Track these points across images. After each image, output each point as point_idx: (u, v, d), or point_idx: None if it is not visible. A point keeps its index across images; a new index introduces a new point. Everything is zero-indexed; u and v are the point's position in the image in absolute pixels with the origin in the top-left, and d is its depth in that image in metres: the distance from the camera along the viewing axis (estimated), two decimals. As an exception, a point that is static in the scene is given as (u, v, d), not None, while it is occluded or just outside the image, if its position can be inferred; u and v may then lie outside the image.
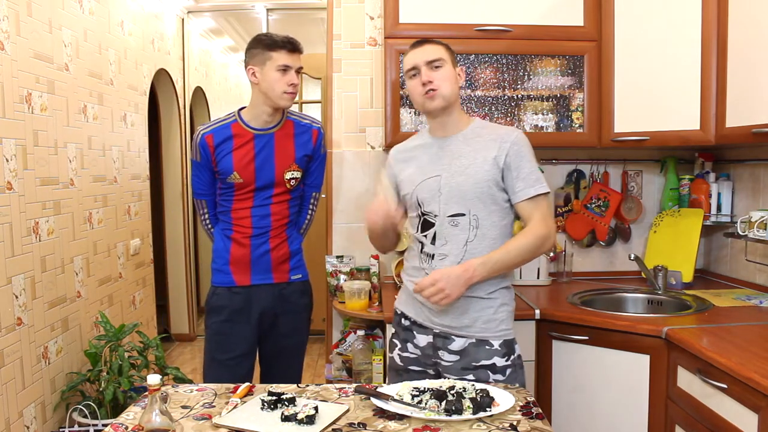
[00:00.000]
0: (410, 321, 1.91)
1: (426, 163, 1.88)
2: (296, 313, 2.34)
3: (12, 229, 2.50)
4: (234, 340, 2.26)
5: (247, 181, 2.21)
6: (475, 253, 1.79)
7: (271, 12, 5.47)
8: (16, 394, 2.52)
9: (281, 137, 2.25)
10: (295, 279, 2.33)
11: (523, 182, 1.79)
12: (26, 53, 2.62)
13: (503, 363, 1.81)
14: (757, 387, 1.56)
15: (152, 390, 1.31)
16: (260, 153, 2.21)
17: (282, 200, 2.28)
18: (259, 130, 2.23)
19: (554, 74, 2.67)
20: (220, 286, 2.28)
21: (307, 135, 2.30)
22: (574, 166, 2.96)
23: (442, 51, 1.86)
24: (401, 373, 1.92)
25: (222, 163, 2.20)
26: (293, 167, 2.25)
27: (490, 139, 1.83)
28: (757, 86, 2.12)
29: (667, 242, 2.80)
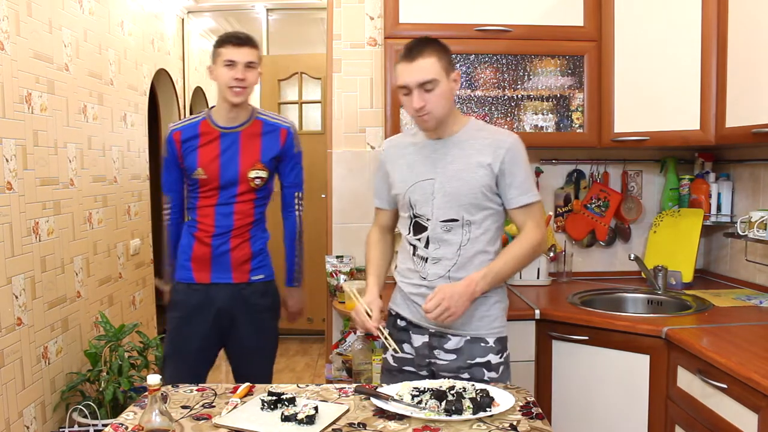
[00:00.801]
0: (406, 321, 1.91)
1: (419, 164, 1.86)
2: (257, 313, 2.30)
3: (12, 229, 2.50)
4: (191, 337, 2.28)
5: (211, 178, 2.22)
6: (468, 257, 1.80)
7: (271, 12, 5.48)
8: (16, 394, 2.52)
9: (247, 136, 2.25)
10: (256, 279, 2.31)
11: (517, 190, 1.79)
12: (26, 53, 2.62)
13: (497, 360, 1.82)
14: (757, 387, 1.56)
15: (152, 390, 1.31)
16: (225, 151, 2.22)
17: (246, 200, 2.26)
18: (225, 128, 2.24)
19: (554, 74, 2.67)
20: (180, 282, 2.30)
21: (275, 134, 2.28)
22: (574, 166, 2.96)
23: (435, 68, 1.74)
24: (395, 374, 1.92)
25: (188, 160, 2.23)
26: (258, 166, 2.24)
27: (485, 143, 1.81)
28: (757, 86, 2.12)
29: (667, 242, 2.80)
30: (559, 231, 2.97)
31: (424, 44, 1.77)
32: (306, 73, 5.12)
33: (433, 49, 1.76)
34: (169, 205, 2.36)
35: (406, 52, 1.77)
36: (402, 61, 1.77)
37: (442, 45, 1.80)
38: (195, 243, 2.27)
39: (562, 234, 2.97)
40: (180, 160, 2.25)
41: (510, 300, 2.47)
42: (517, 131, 2.65)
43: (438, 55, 1.76)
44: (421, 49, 1.75)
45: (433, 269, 1.82)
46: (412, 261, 1.87)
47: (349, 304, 2.68)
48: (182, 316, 2.29)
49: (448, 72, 1.78)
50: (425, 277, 1.84)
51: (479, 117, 2.66)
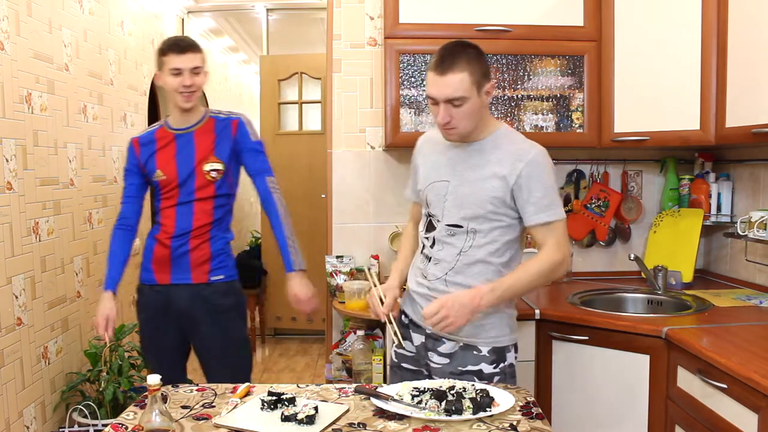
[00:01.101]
0: (408, 319, 1.92)
1: (442, 164, 1.84)
2: (219, 313, 2.29)
3: (12, 229, 2.50)
4: (158, 337, 2.34)
5: (169, 177, 2.26)
6: (467, 263, 1.78)
7: (271, 12, 5.48)
8: (16, 394, 2.52)
9: (201, 134, 2.27)
10: (215, 280, 2.30)
11: (534, 207, 1.72)
12: (26, 53, 2.62)
13: (491, 370, 1.79)
14: (757, 387, 1.56)
15: (152, 390, 1.31)
16: (181, 151, 2.26)
17: (206, 196, 2.27)
18: (179, 130, 2.28)
19: (554, 74, 2.67)
20: (144, 284, 2.36)
21: (227, 128, 2.29)
22: (574, 166, 2.96)
23: (465, 84, 1.66)
24: (396, 370, 1.93)
25: (148, 165, 2.29)
26: (211, 158, 2.25)
27: (506, 154, 1.74)
28: (757, 86, 2.12)
29: (667, 242, 2.80)
30: (559, 231, 2.97)
31: (458, 55, 1.67)
32: (306, 73, 5.12)
33: (466, 62, 1.66)
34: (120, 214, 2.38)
35: (438, 60, 1.68)
36: (433, 71, 1.69)
37: (476, 54, 1.70)
38: (156, 245, 2.30)
39: (562, 234, 2.97)
40: (141, 167, 2.30)
41: (510, 300, 2.49)
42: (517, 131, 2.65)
43: (471, 69, 1.67)
44: (454, 62, 1.66)
45: (433, 269, 1.82)
46: (420, 258, 1.89)
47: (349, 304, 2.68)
48: (148, 318, 2.36)
49: (480, 86, 1.70)
50: (426, 276, 1.84)
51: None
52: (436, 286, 1.81)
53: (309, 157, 5.07)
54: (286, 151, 5.11)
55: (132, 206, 2.37)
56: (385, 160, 2.97)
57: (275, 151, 5.12)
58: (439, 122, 1.73)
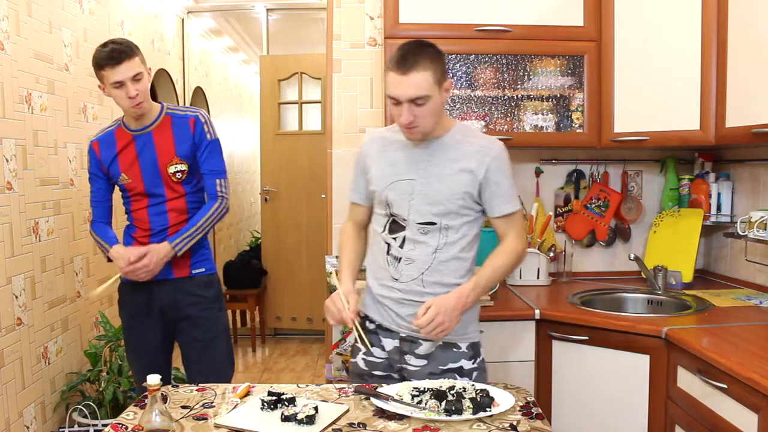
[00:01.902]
0: (375, 324, 1.87)
1: (401, 163, 1.81)
2: (203, 305, 2.33)
3: (12, 229, 2.50)
4: (141, 334, 2.35)
5: (135, 182, 2.26)
6: (442, 261, 1.78)
7: (271, 12, 5.48)
8: (16, 394, 2.52)
9: (159, 133, 2.26)
10: (196, 273, 2.33)
11: (502, 198, 1.78)
12: (26, 53, 2.62)
13: (470, 366, 1.80)
14: (757, 387, 1.56)
15: (152, 390, 1.31)
16: (142, 152, 2.25)
17: (176, 195, 2.28)
18: (137, 130, 2.26)
19: (554, 74, 2.67)
20: (125, 282, 2.35)
21: (185, 126, 2.27)
22: (574, 166, 2.96)
23: (428, 83, 1.66)
24: (365, 378, 1.87)
25: (111, 168, 2.27)
26: (175, 161, 2.25)
27: (471, 149, 1.77)
28: (757, 86, 2.12)
29: (667, 242, 2.80)
30: (559, 231, 2.97)
31: (419, 54, 1.66)
32: (306, 73, 5.12)
33: (428, 61, 1.66)
34: (91, 219, 2.37)
35: (399, 60, 1.67)
36: (394, 71, 1.67)
37: (436, 53, 1.70)
38: (134, 244, 2.30)
39: (562, 234, 2.97)
40: (103, 169, 2.29)
41: (510, 300, 2.49)
42: (517, 131, 2.66)
43: (433, 67, 1.67)
44: (416, 61, 1.65)
45: (407, 270, 1.79)
46: (385, 260, 1.83)
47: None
48: (130, 314, 2.36)
49: (440, 84, 1.70)
50: (397, 278, 1.81)
51: (479, 117, 2.66)
52: (411, 287, 1.79)
53: (309, 157, 5.07)
54: (286, 152, 5.11)
55: (102, 208, 2.35)
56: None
57: (275, 152, 5.13)
58: (402, 123, 1.71)
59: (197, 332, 2.34)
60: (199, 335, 2.34)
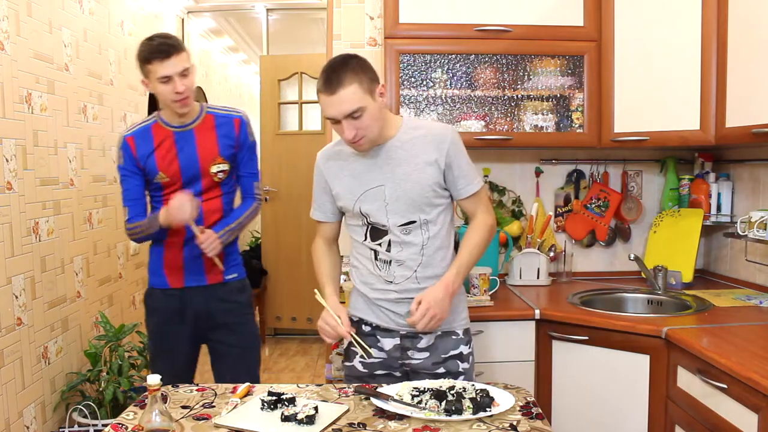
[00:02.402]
0: (371, 326, 1.88)
1: (363, 172, 1.82)
2: (236, 311, 2.28)
3: (12, 229, 2.50)
4: (171, 341, 2.26)
5: (173, 179, 2.16)
6: (430, 254, 1.81)
7: (271, 12, 5.48)
8: (16, 394, 2.52)
9: (202, 132, 2.18)
10: (230, 279, 2.27)
11: (465, 179, 1.82)
12: (26, 53, 2.62)
13: (467, 351, 1.88)
14: (757, 387, 1.56)
15: (152, 390, 1.31)
16: (182, 150, 2.16)
17: (213, 196, 2.21)
18: (178, 127, 2.17)
19: (554, 74, 2.67)
20: (155, 288, 2.27)
21: (229, 125, 2.21)
22: (574, 166, 2.96)
23: (358, 95, 1.66)
24: (366, 380, 1.88)
25: (147, 164, 2.16)
26: (218, 160, 2.18)
27: (426, 141, 1.79)
28: (757, 86, 2.12)
29: (667, 242, 2.80)
30: (559, 231, 2.97)
31: (341, 70, 1.67)
32: (306, 73, 5.12)
33: (352, 75, 1.67)
34: (128, 217, 2.23)
35: (324, 81, 1.68)
36: (323, 92, 1.68)
37: (358, 64, 1.70)
38: (165, 250, 2.22)
39: (562, 234, 2.97)
40: (139, 165, 2.17)
41: (510, 300, 2.49)
42: (517, 131, 2.66)
43: (358, 79, 1.67)
44: (340, 78, 1.66)
45: (399, 271, 1.81)
46: (374, 266, 1.85)
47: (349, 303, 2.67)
48: (160, 322, 2.27)
49: (372, 92, 1.70)
50: (391, 280, 1.82)
51: (479, 117, 2.66)
52: (407, 286, 1.81)
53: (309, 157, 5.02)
54: (286, 151, 5.11)
55: (139, 206, 2.22)
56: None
57: (275, 151, 5.13)
58: (347, 139, 1.72)
59: (234, 338, 2.27)
60: (236, 341, 2.27)
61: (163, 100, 2.10)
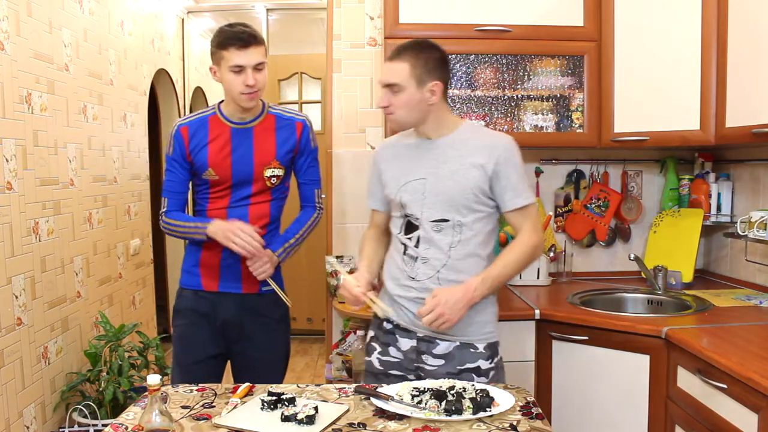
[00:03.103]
0: (392, 324, 1.88)
1: (411, 164, 1.85)
2: (268, 325, 2.14)
3: (12, 229, 2.50)
4: (197, 345, 2.11)
5: (222, 178, 2.04)
6: (458, 258, 1.79)
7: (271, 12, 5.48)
8: (16, 394, 2.52)
9: (261, 131, 2.07)
10: (266, 290, 2.12)
11: (513, 192, 1.78)
12: (26, 53, 2.62)
13: (487, 366, 1.81)
14: (757, 387, 1.56)
15: (152, 390, 1.31)
16: (237, 148, 2.04)
17: (262, 201, 2.09)
18: (237, 123, 2.05)
19: (554, 74, 2.67)
20: (187, 289, 2.15)
21: (290, 129, 2.11)
22: (574, 166, 2.96)
23: (404, 74, 1.74)
24: (380, 377, 1.89)
25: (198, 157, 2.04)
26: (274, 164, 2.06)
27: (479, 145, 1.80)
28: (757, 86, 2.12)
29: (667, 242, 2.80)
30: (559, 231, 2.97)
31: (409, 48, 1.77)
32: (306, 73, 5.12)
33: (412, 55, 1.75)
34: (164, 209, 2.11)
35: (393, 49, 1.81)
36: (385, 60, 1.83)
37: (426, 53, 1.76)
38: (203, 249, 2.09)
39: (562, 234, 2.97)
40: (188, 158, 2.05)
41: (510, 300, 2.49)
42: (517, 131, 2.66)
43: (414, 62, 1.74)
44: (400, 52, 1.77)
45: (423, 269, 1.81)
46: (402, 260, 1.85)
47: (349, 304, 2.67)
48: (187, 324, 2.13)
49: (421, 81, 1.75)
50: (414, 276, 1.82)
51: (479, 117, 2.66)
52: (427, 285, 1.80)
53: (309, 157, 5.06)
54: (286, 151, 5.11)
55: (179, 200, 2.10)
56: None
57: (275, 151, 5.12)
58: (378, 104, 1.83)
59: (258, 353, 2.12)
60: (259, 356, 2.13)
61: (231, 91, 1.99)
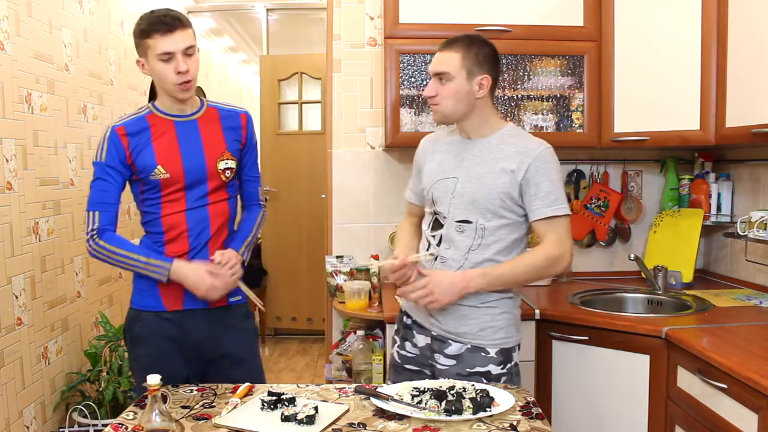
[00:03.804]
0: (411, 320, 1.92)
1: (448, 161, 1.86)
2: (241, 339, 1.96)
3: (12, 229, 2.50)
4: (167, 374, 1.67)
5: (174, 176, 1.82)
6: (476, 262, 1.78)
7: (271, 12, 5.48)
8: (16, 394, 2.52)
9: (206, 123, 1.89)
10: (234, 302, 1.94)
11: (542, 201, 1.73)
12: (26, 53, 2.62)
13: (498, 371, 1.79)
14: (757, 387, 1.56)
15: (152, 390, 1.31)
16: (185, 142, 1.85)
17: (219, 199, 1.91)
18: (179, 116, 1.87)
19: (554, 74, 2.67)
20: (145, 311, 1.88)
21: (235, 120, 1.95)
22: (574, 166, 2.96)
23: (454, 63, 1.75)
24: (399, 370, 1.93)
25: (141, 158, 1.81)
26: (226, 155, 1.89)
27: (514, 150, 1.77)
28: (757, 86, 2.12)
29: (667, 242, 2.80)
30: (559, 231, 2.97)
31: (462, 39, 1.78)
32: (306, 73, 5.12)
33: (464, 46, 1.76)
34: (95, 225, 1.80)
35: (443, 42, 1.81)
36: (438, 49, 1.81)
37: (478, 46, 1.77)
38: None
39: (562, 234, 2.97)
40: (129, 161, 1.81)
41: (510, 300, 2.49)
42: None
43: (465, 53, 1.76)
44: (454, 42, 1.78)
45: (440, 268, 1.81)
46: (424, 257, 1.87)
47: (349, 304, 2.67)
48: (153, 353, 1.87)
49: (471, 73, 1.76)
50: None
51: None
52: None
53: (309, 157, 5.07)
54: (286, 151, 5.11)
55: (111, 214, 1.83)
56: (385, 160, 2.97)
57: (275, 151, 5.13)
58: (424, 93, 1.82)
59: (238, 372, 1.91)
60: (239, 375, 1.88)
61: (163, 82, 1.82)
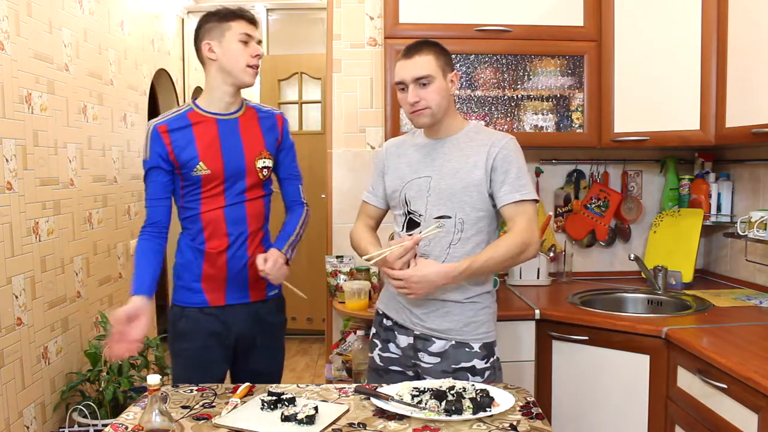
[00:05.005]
0: (392, 321, 1.91)
1: (417, 162, 1.89)
2: (272, 333, 2.04)
3: (12, 229, 2.50)
4: (210, 369, 1.94)
5: (215, 172, 1.89)
6: (457, 257, 1.79)
7: (271, 12, 5.48)
8: (16, 394, 2.52)
9: (246, 122, 1.97)
10: (272, 295, 2.03)
11: (509, 186, 1.78)
12: (26, 53, 2.62)
13: (482, 365, 1.81)
14: (757, 387, 1.56)
15: (152, 390, 1.31)
16: (226, 139, 1.92)
17: (256, 196, 1.99)
18: (221, 115, 1.94)
19: (554, 74, 2.67)
20: (189, 307, 1.95)
21: (272, 121, 2.03)
22: (574, 166, 2.96)
23: (432, 64, 1.79)
24: (381, 373, 1.91)
25: (184, 154, 1.88)
26: (264, 154, 1.98)
27: (482, 144, 1.82)
28: (757, 86, 2.12)
29: (667, 242, 2.80)
30: (559, 231, 2.97)
31: (423, 44, 1.83)
32: (306, 73, 5.12)
33: (430, 49, 1.82)
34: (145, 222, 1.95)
35: (405, 51, 1.84)
36: (400, 59, 1.83)
37: (440, 47, 1.85)
38: (204, 259, 1.93)
39: (562, 234, 2.97)
40: (171, 156, 1.88)
41: (510, 300, 2.49)
42: (517, 131, 2.66)
43: (436, 54, 1.81)
44: (420, 47, 1.81)
45: None
46: None
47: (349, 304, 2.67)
48: (198, 347, 1.93)
49: (444, 71, 1.82)
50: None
51: (479, 117, 2.66)
52: None
53: (309, 157, 5.06)
54: (286, 151, 5.11)
55: (163, 210, 1.93)
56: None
57: (275, 151, 5.13)
58: (409, 102, 1.80)
59: (263, 365, 2.01)
60: (264, 368, 2.01)
61: (235, 64, 1.88)
